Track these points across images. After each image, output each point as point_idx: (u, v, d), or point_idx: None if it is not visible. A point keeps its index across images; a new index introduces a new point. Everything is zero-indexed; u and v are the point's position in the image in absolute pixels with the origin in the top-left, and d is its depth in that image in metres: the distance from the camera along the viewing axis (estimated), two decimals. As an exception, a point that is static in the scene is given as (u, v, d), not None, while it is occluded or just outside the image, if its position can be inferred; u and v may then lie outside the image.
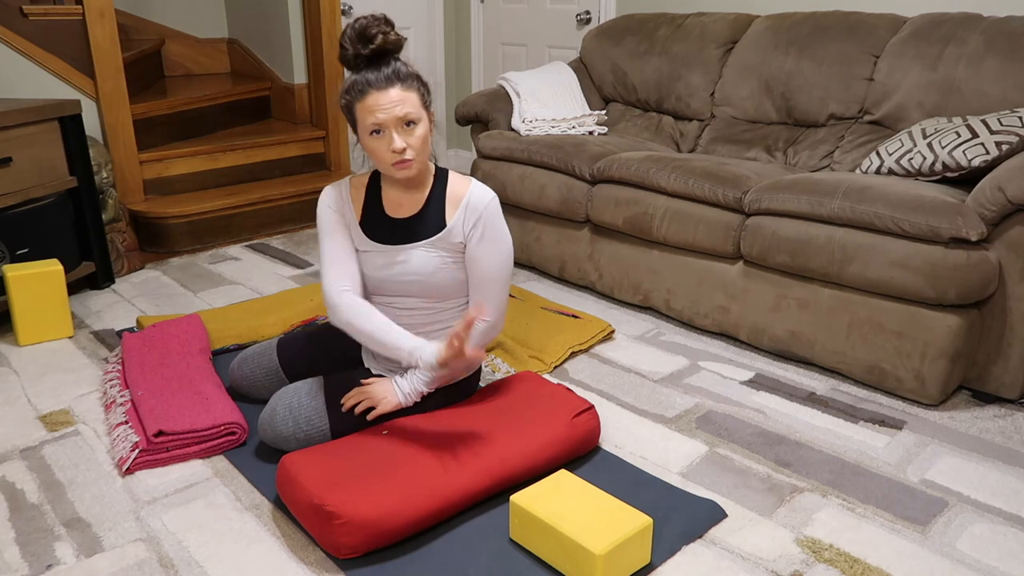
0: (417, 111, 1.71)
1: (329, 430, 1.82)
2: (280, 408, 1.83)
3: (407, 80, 1.70)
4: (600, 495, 1.58)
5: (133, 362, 2.18)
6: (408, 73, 1.71)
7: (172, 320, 2.40)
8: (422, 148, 1.74)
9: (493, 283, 1.84)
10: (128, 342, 2.29)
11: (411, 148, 1.72)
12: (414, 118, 1.71)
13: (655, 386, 2.28)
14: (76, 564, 1.54)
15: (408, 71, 1.72)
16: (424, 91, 1.74)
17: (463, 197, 1.82)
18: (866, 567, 1.55)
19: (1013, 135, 2.15)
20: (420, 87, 1.73)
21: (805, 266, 2.28)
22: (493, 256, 1.83)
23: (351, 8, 4.35)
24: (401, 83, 1.69)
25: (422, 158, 1.76)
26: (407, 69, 1.72)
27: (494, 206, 1.82)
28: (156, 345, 2.26)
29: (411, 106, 1.70)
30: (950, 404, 2.19)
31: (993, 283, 2.04)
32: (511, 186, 3.12)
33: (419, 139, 1.72)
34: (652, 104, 3.40)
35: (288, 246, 3.56)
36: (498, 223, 1.83)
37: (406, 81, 1.70)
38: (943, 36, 2.58)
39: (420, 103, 1.72)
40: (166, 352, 2.23)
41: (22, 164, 2.63)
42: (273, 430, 1.82)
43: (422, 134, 1.73)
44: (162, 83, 4.34)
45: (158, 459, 1.85)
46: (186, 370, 2.13)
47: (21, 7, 2.99)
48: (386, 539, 1.54)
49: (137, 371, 2.13)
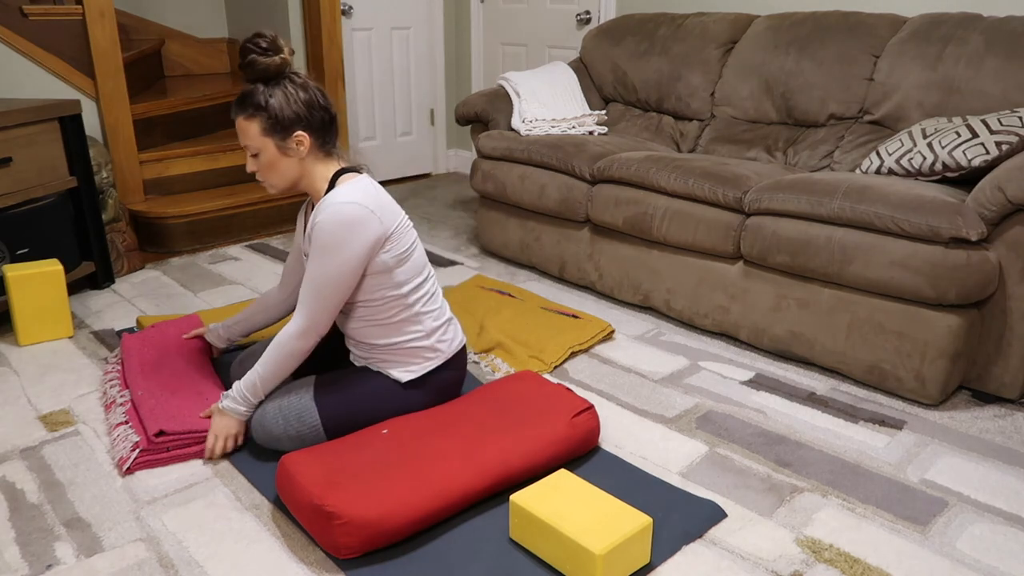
0: (255, 142, 1.77)
1: (321, 426, 1.82)
2: (270, 408, 1.83)
3: (248, 110, 1.76)
4: (600, 495, 1.58)
5: (133, 362, 2.18)
6: (252, 103, 1.75)
7: (171, 320, 2.40)
8: (270, 170, 1.81)
9: (306, 284, 1.78)
10: (127, 342, 2.28)
11: (259, 171, 1.82)
12: (254, 150, 1.78)
13: (655, 386, 2.28)
14: (76, 564, 1.54)
15: (256, 101, 1.74)
16: (269, 122, 1.75)
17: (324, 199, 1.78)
18: (866, 567, 1.55)
19: (1013, 135, 2.15)
20: (264, 118, 1.75)
21: (805, 266, 2.28)
22: (313, 259, 1.75)
23: (351, 8, 4.35)
24: (243, 113, 1.77)
25: (277, 179, 1.83)
26: (256, 98, 1.75)
27: (335, 210, 1.71)
28: (155, 345, 2.26)
29: (248, 138, 1.77)
30: (950, 404, 2.19)
31: (993, 283, 2.04)
32: (511, 186, 3.12)
33: (264, 164, 1.80)
34: (652, 104, 3.40)
35: (288, 246, 3.56)
36: (331, 229, 1.71)
37: (246, 110, 1.76)
38: (943, 36, 2.58)
39: (260, 133, 1.76)
40: (165, 352, 2.23)
41: (22, 164, 2.63)
42: (264, 430, 1.83)
43: (266, 160, 1.79)
44: (162, 83, 4.34)
45: (159, 459, 1.85)
46: (186, 369, 2.13)
47: (21, 7, 2.99)
48: (386, 539, 1.54)
49: (137, 371, 2.13)
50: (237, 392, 1.85)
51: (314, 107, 1.78)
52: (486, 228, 3.36)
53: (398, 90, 4.71)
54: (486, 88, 3.92)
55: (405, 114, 4.79)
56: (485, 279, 3.01)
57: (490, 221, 3.33)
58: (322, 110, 1.80)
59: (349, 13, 4.35)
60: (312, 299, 1.77)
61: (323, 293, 1.76)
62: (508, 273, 3.23)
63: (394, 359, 1.90)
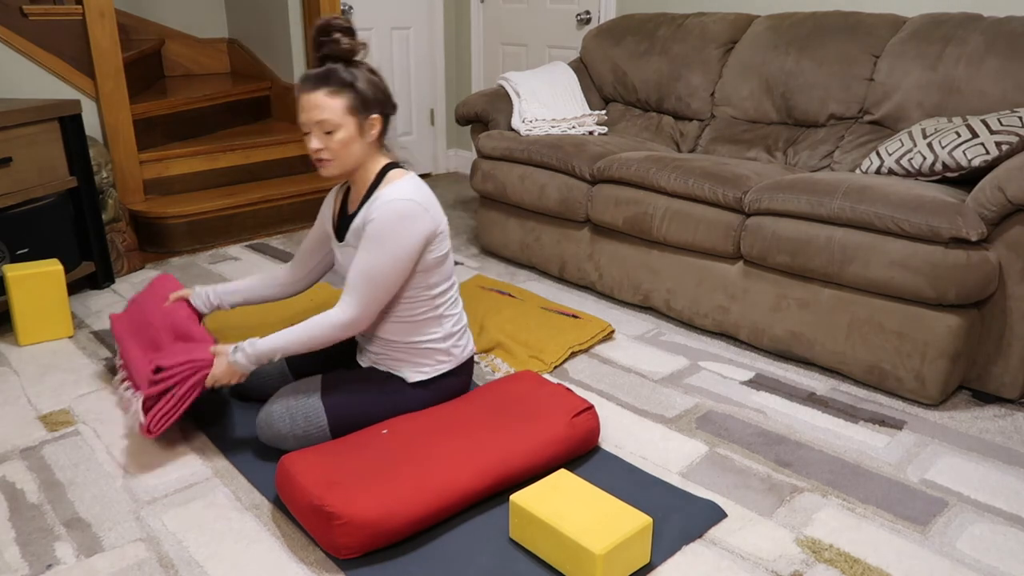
0: (337, 118, 1.74)
1: (328, 427, 1.82)
2: (277, 406, 1.83)
3: (335, 86, 1.74)
4: (600, 495, 1.58)
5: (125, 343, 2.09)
6: (340, 78, 1.74)
7: (146, 289, 2.30)
8: (341, 151, 1.77)
9: (358, 276, 1.78)
10: (116, 326, 2.20)
11: (328, 150, 1.77)
12: (331, 126, 1.75)
13: (655, 386, 2.28)
14: (76, 564, 1.54)
15: (342, 77, 1.74)
16: (356, 98, 1.75)
17: (379, 193, 1.80)
18: (866, 567, 1.55)
19: (1013, 135, 2.15)
20: (351, 93, 1.75)
21: (805, 266, 2.28)
22: (368, 250, 1.76)
23: (351, 8, 4.35)
24: (328, 88, 1.73)
25: (344, 160, 1.79)
26: (342, 75, 1.74)
27: (395, 206, 1.74)
28: (137, 315, 2.18)
29: (329, 112, 1.73)
30: (950, 404, 2.19)
31: (993, 283, 2.04)
32: (511, 186, 3.12)
33: (338, 143, 1.76)
34: (652, 104, 3.40)
35: (288, 246, 3.56)
36: (390, 223, 1.74)
37: (334, 86, 1.73)
38: (943, 36, 2.58)
39: (345, 110, 1.74)
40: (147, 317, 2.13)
41: (22, 164, 2.63)
42: (271, 428, 1.82)
43: (342, 139, 1.76)
44: (162, 83, 4.34)
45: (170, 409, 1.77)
46: (173, 322, 2.05)
47: (21, 7, 2.99)
48: (386, 539, 1.54)
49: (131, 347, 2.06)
50: (252, 351, 1.80)
51: (388, 95, 1.82)
52: (486, 228, 3.36)
53: (398, 90, 4.71)
54: (486, 88, 3.92)
55: (405, 114, 4.80)
56: (485, 279, 3.01)
57: (490, 221, 3.33)
58: (391, 101, 1.84)
59: (349, 13, 4.35)
60: (365, 290, 1.77)
61: (377, 285, 1.77)
62: (508, 273, 3.23)
63: (408, 359, 1.90)
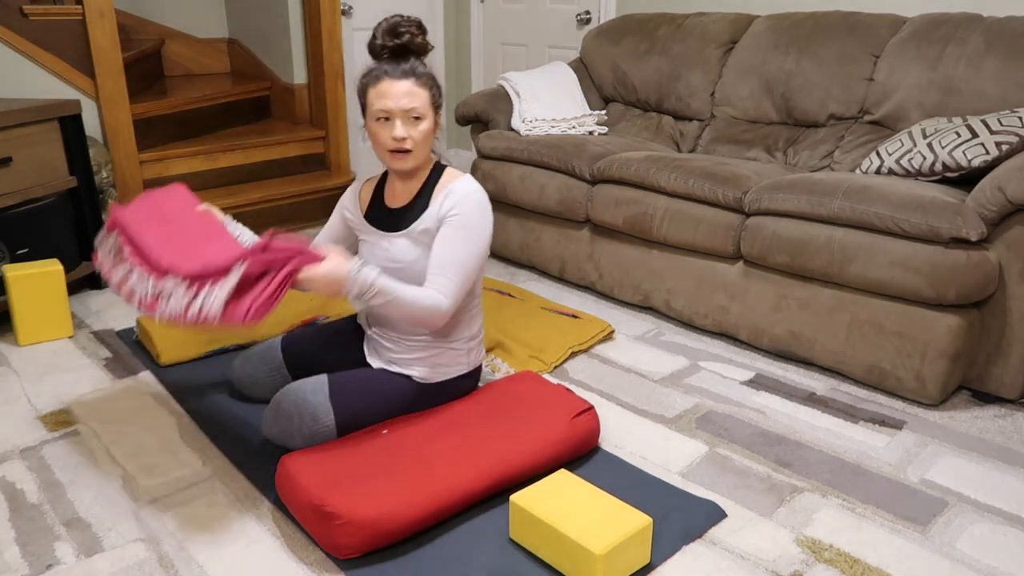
0: (424, 108, 1.80)
1: (335, 426, 1.82)
2: (285, 403, 1.82)
3: (422, 78, 1.81)
4: (600, 495, 1.58)
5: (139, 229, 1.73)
6: (424, 72, 1.82)
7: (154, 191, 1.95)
8: (422, 142, 1.82)
9: (450, 265, 1.79)
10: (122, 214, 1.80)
11: (411, 139, 1.80)
12: (420, 113, 1.80)
13: (655, 386, 2.28)
14: (76, 564, 1.54)
15: (425, 71, 1.83)
16: (436, 93, 1.84)
17: (449, 187, 1.85)
18: (866, 567, 1.55)
19: (1013, 135, 2.15)
20: (433, 88, 1.83)
21: (805, 266, 2.28)
22: (458, 241, 1.80)
23: (351, 8, 4.35)
24: (415, 79, 1.80)
25: (421, 152, 1.84)
26: (424, 69, 1.83)
27: (475, 198, 1.82)
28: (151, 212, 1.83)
29: (419, 101, 1.79)
30: (950, 404, 2.19)
31: (993, 283, 2.04)
32: (511, 186, 3.12)
33: (421, 133, 1.81)
34: (652, 104, 3.40)
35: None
36: (475, 215, 1.81)
37: (421, 78, 1.81)
38: (943, 36, 2.58)
39: (429, 102, 1.82)
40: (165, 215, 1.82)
41: (22, 164, 2.63)
42: (278, 426, 1.82)
43: (425, 129, 1.81)
44: (162, 83, 4.34)
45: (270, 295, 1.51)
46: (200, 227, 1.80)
47: (21, 7, 2.99)
48: (386, 539, 1.54)
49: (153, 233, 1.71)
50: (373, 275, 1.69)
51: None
52: (486, 228, 3.36)
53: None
54: (486, 88, 3.92)
55: (405, 114, 4.79)
56: (485, 279, 3.01)
57: (490, 221, 3.33)
58: None
59: (349, 13, 4.35)
60: (459, 280, 1.80)
61: (468, 275, 1.81)
62: (508, 273, 3.23)
63: (428, 357, 1.91)
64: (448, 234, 1.81)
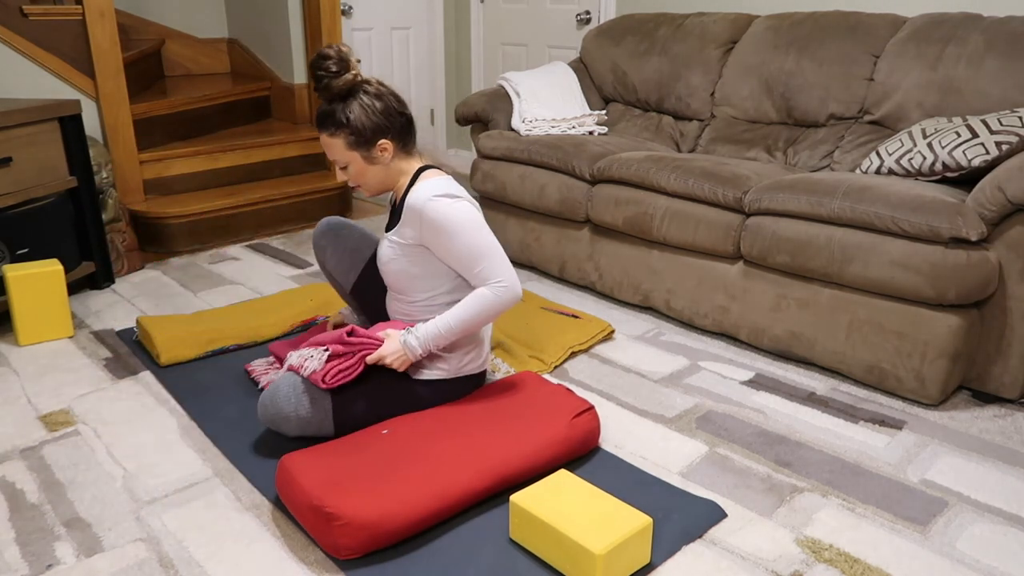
0: (341, 155, 1.86)
1: (331, 412, 1.82)
2: (284, 385, 1.83)
3: (330, 128, 1.84)
4: (600, 495, 1.58)
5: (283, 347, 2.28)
6: (333, 121, 1.83)
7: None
8: (361, 180, 1.91)
9: (476, 259, 1.84)
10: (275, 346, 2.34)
11: (351, 179, 1.91)
12: (341, 161, 1.87)
13: (655, 386, 2.28)
14: (76, 564, 1.54)
15: (337, 119, 1.82)
16: (352, 135, 1.84)
17: (410, 199, 1.86)
18: (866, 567, 1.55)
19: (1013, 135, 2.15)
20: (347, 134, 1.83)
21: (805, 266, 2.28)
22: (456, 243, 1.83)
23: (351, 8, 4.35)
24: (325, 130, 1.85)
25: (370, 183, 1.92)
26: (338, 116, 1.82)
27: (430, 205, 1.81)
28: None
29: (335, 152, 1.86)
30: (950, 404, 2.19)
31: (993, 283, 2.04)
32: (511, 186, 3.12)
33: (355, 175, 1.90)
34: (652, 104, 3.40)
35: (288, 246, 3.56)
36: (440, 217, 1.81)
37: (329, 128, 1.84)
38: (943, 36, 2.58)
39: (345, 147, 1.85)
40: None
41: (22, 164, 2.63)
42: (275, 405, 1.82)
43: (354, 172, 1.89)
44: (162, 83, 4.34)
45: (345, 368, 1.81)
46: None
47: (21, 7, 2.99)
48: (386, 540, 1.54)
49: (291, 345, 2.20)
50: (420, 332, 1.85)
51: (391, 114, 1.87)
52: (486, 228, 3.36)
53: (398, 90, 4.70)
54: (486, 88, 3.92)
55: (405, 114, 4.79)
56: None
57: (490, 221, 3.33)
58: (399, 115, 1.89)
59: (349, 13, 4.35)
60: (484, 261, 1.83)
61: (485, 249, 1.83)
62: (508, 273, 3.23)
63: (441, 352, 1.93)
64: (438, 245, 1.84)
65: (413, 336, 1.85)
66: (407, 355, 1.85)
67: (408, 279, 1.93)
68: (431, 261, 1.89)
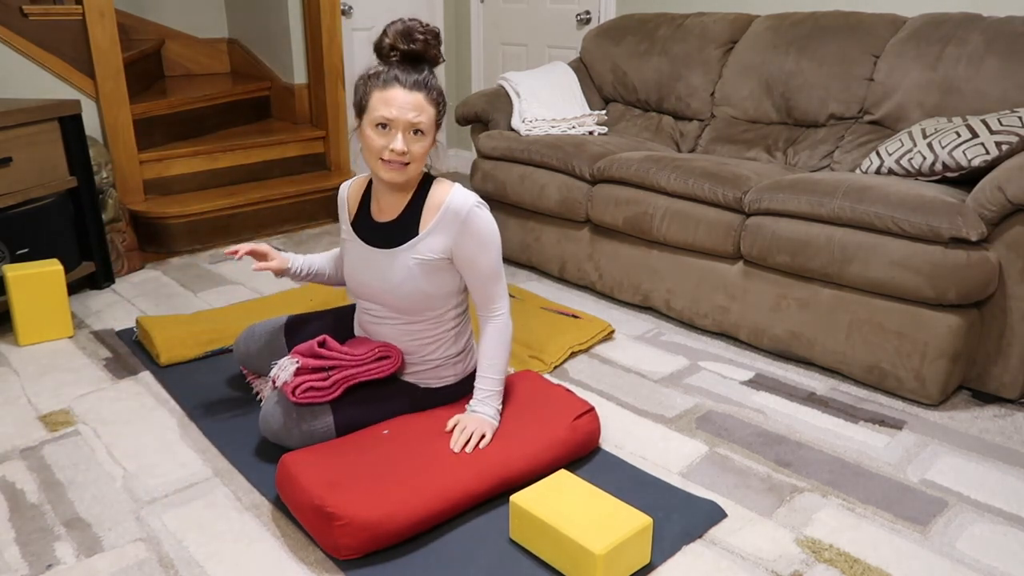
0: (429, 125, 1.75)
1: (333, 426, 1.81)
2: (283, 401, 1.82)
3: (432, 93, 1.75)
4: (600, 495, 1.58)
5: None
6: (436, 87, 1.77)
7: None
8: (421, 158, 1.77)
9: (493, 280, 1.84)
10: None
11: (411, 154, 1.73)
12: (424, 129, 1.74)
13: (655, 386, 2.28)
14: (76, 564, 1.54)
15: (437, 85, 1.77)
16: (442, 111, 1.79)
17: (441, 204, 1.80)
18: (866, 567, 1.55)
19: (1013, 135, 2.15)
20: (441, 106, 1.78)
21: (805, 266, 2.28)
22: (486, 258, 1.81)
23: (351, 8, 4.35)
24: (427, 93, 1.74)
25: (416, 168, 1.77)
26: (436, 83, 1.77)
27: (476, 212, 1.78)
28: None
29: (426, 117, 1.73)
30: (950, 404, 2.19)
31: (993, 283, 2.04)
32: (511, 186, 3.12)
33: (422, 148, 1.75)
34: (652, 104, 3.40)
35: (288, 246, 3.56)
36: (484, 227, 1.79)
37: (432, 93, 1.75)
38: (943, 36, 2.58)
39: (434, 119, 1.76)
40: None
41: (22, 164, 2.63)
42: (276, 421, 1.80)
43: (425, 146, 1.76)
44: (162, 83, 4.34)
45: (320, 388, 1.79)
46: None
47: (21, 7, 2.99)
48: (386, 540, 1.54)
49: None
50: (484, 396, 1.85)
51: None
52: (486, 228, 3.36)
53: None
54: (486, 88, 3.92)
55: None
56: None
57: (490, 221, 3.33)
58: None
59: (349, 13, 4.35)
60: (498, 286, 1.86)
61: (500, 273, 1.85)
62: (508, 273, 3.23)
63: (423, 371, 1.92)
64: (468, 255, 1.80)
65: (482, 405, 1.83)
66: (493, 422, 1.82)
67: (422, 298, 1.84)
68: (446, 278, 1.83)
